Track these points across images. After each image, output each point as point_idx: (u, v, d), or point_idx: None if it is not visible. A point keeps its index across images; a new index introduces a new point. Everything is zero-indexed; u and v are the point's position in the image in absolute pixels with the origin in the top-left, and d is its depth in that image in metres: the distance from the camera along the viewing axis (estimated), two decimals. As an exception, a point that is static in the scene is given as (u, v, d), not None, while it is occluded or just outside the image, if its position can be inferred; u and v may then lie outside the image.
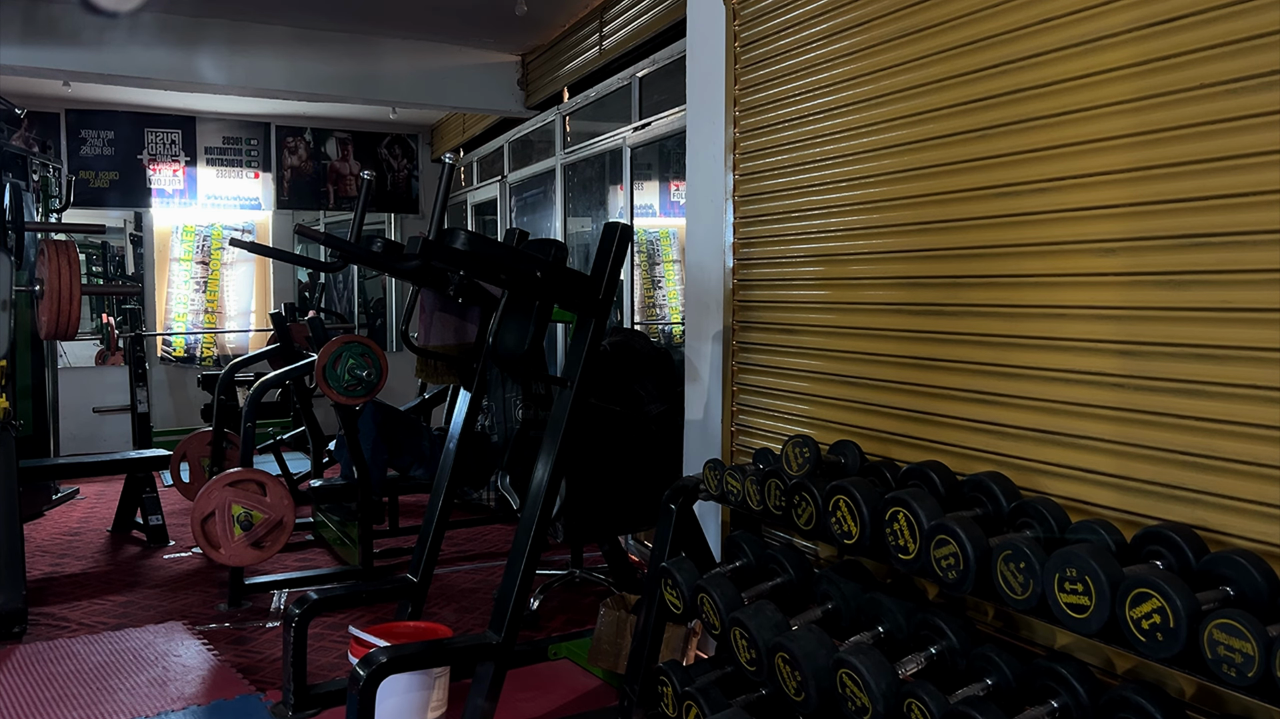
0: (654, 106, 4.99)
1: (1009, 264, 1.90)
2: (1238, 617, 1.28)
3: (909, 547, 1.74)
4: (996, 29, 1.91)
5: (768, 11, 2.62)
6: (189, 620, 3.93)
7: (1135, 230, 1.66)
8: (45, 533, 5.44)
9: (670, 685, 2.30)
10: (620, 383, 3.86)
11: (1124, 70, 1.67)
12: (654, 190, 5.54)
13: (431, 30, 5.99)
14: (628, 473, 3.78)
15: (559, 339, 6.17)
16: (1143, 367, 1.65)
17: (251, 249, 5.03)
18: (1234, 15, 1.51)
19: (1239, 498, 1.51)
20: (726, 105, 2.78)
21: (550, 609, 4.02)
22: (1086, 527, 1.65)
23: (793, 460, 2.13)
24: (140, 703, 3.12)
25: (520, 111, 6.57)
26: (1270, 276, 1.46)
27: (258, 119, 8.20)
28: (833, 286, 2.41)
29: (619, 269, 2.92)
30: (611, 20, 5.21)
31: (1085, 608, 1.44)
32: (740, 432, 2.79)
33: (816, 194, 2.45)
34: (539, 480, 2.82)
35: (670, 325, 5.53)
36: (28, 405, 5.72)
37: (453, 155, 2.93)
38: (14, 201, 4.45)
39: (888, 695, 1.69)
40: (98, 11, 4.93)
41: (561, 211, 6.26)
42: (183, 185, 8.03)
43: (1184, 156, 1.58)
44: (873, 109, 2.25)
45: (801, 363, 2.52)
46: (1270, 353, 1.46)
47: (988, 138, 1.94)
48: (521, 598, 2.73)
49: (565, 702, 3.14)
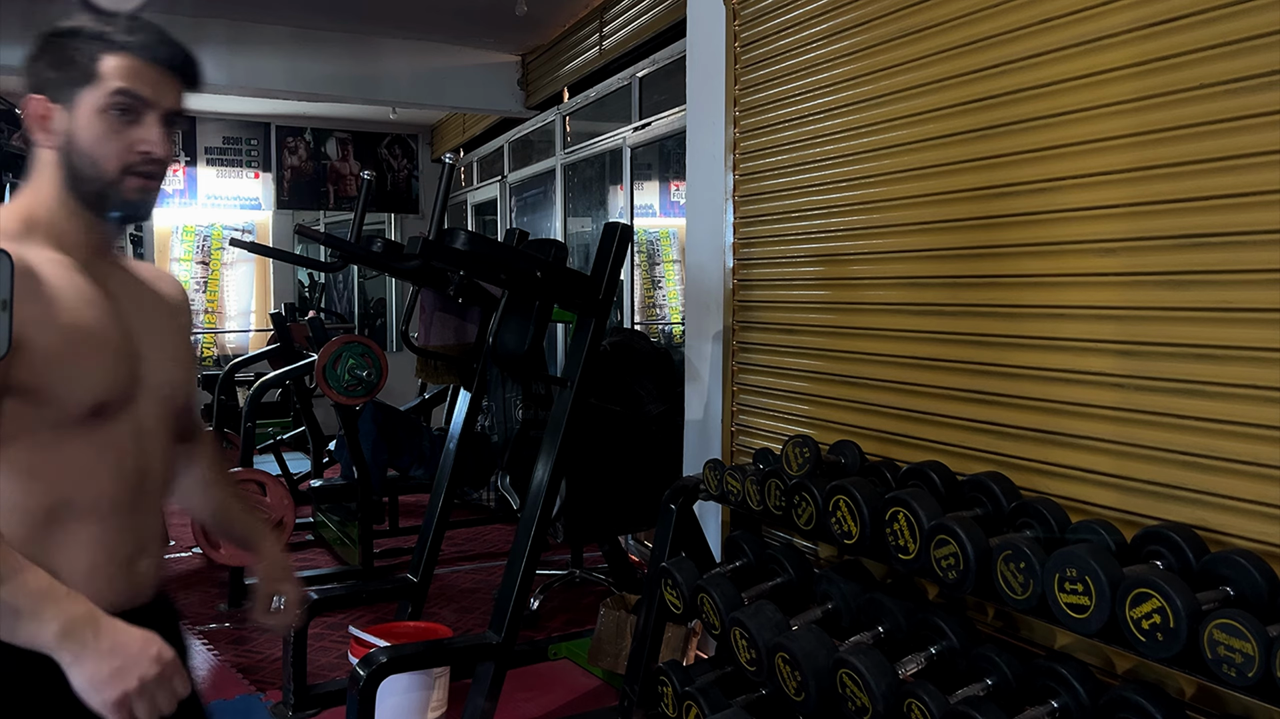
0: (654, 106, 4.99)
1: (1009, 264, 1.90)
2: (1238, 617, 1.28)
3: (909, 547, 1.74)
4: (996, 29, 1.91)
5: (768, 11, 2.61)
6: (189, 620, 3.93)
7: (1135, 230, 1.66)
8: (45, 533, 5.43)
9: (670, 685, 2.30)
10: (620, 383, 3.86)
11: (1124, 70, 1.67)
12: (654, 190, 5.54)
13: (431, 30, 5.99)
14: (628, 473, 3.78)
15: (559, 339, 6.17)
16: (1143, 367, 1.65)
17: (251, 249, 5.04)
18: (1234, 15, 1.51)
19: (1239, 498, 1.51)
20: (726, 105, 2.78)
21: (550, 609, 4.02)
22: (1086, 527, 1.65)
23: (793, 460, 2.13)
24: (140, 703, 3.12)
25: (520, 111, 6.57)
26: (1270, 277, 1.46)
27: (258, 119, 8.20)
28: (833, 287, 2.41)
29: (619, 269, 2.92)
30: (611, 20, 5.21)
31: (1085, 608, 1.44)
32: (740, 432, 2.79)
33: (817, 194, 2.45)
34: (539, 480, 2.82)
35: (670, 325, 5.54)
36: (28, 405, 5.71)
37: (453, 155, 2.93)
38: (14, 201, 4.45)
39: (888, 695, 1.69)
40: (98, 12, 4.92)
41: (561, 211, 6.26)
42: (183, 185, 8.03)
43: (1184, 157, 1.58)
44: (873, 109, 2.25)
45: (801, 363, 2.52)
46: (1270, 353, 1.46)
47: (988, 138, 1.94)
48: (521, 598, 2.73)
49: (565, 702, 3.15)
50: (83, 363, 1.14)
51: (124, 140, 1.18)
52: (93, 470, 1.17)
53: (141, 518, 1.24)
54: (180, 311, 1.38)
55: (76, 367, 1.13)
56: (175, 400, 1.30)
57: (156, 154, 1.19)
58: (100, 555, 1.18)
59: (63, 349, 1.11)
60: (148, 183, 1.20)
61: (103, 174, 1.18)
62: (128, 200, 1.20)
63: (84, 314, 1.15)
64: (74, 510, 1.16)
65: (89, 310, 1.16)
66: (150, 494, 1.26)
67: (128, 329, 1.22)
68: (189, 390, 1.37)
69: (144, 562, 1.25)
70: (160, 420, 1.26)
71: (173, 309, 1.36)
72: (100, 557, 1.18)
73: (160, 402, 1.26)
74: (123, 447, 1.20)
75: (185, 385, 1.33)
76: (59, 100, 1.19)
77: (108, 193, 1.19)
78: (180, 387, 1.31)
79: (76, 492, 1.16)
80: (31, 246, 1.15)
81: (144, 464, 1.23)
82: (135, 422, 1.21)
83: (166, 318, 1.33)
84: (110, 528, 1.19)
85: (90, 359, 1.15)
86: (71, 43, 1.19)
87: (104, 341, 1.17)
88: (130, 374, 1.20)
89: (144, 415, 1.23)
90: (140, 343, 1.23)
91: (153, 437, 1.25)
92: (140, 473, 1.23)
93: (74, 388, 1.13)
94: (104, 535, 1.18)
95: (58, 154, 1.19)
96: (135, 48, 1.18)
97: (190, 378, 1.37)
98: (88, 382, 1.14)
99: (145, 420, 1.23)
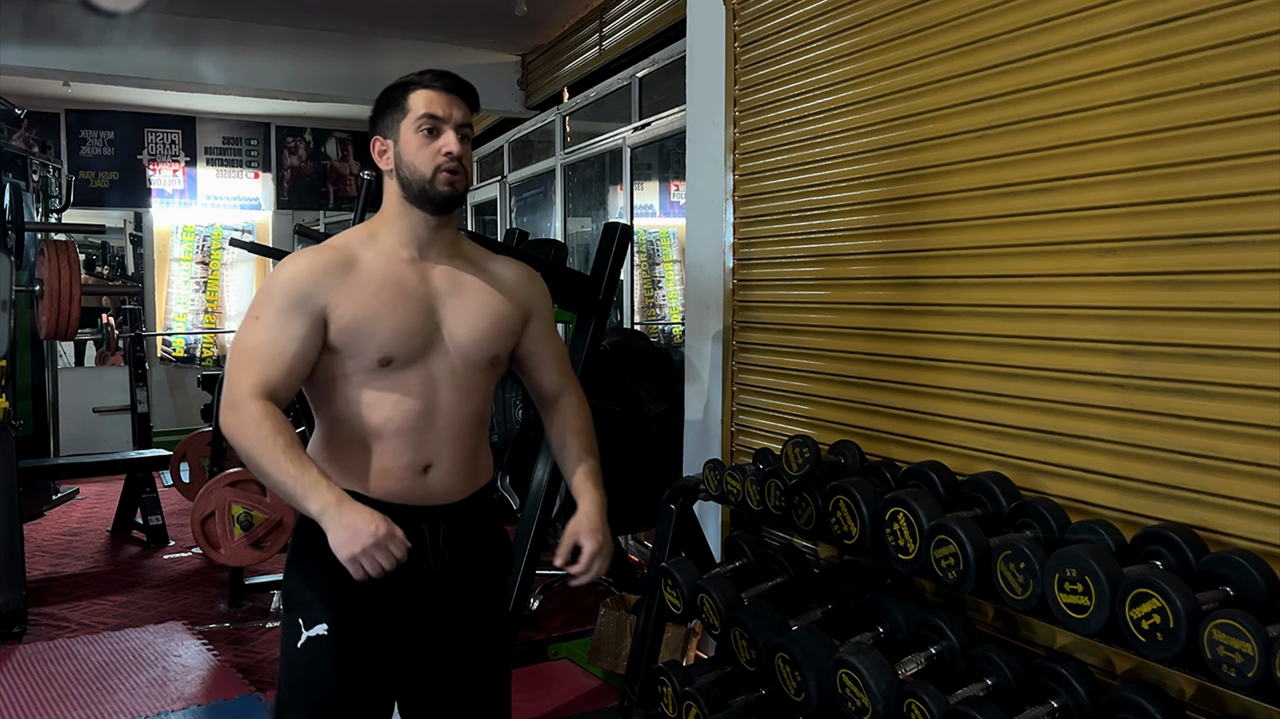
0: (654, 106, 4.98)
1: (1009, 264, 1.90)
2: (1238, 617, 1.28)
3: (909, 547, 1.74)
4: (996, 29, 1.91)
5: (768, 11, 2.62)
6: (189, 620, 3.93)
7: (1135, 230, 1.66)
8: (45, 533, 5.44)
9: (670, 686, 2.30)
10: (620, 383, 3.86)
11: (1124, 70, 1.67)
12: (654, 190, 5.54)
13: (431, 30, 5.98)
14: (627, 473, 3.78)
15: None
16: (1143, 367, 1.65)
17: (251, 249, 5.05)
18: (1234, 15, 1.51)
19: (1239, 498, 1.51)
20: (726, 105, 2.78)
21: (550, 609, 4.02)
22: (1086, 527, 1.65)
23: (793, 461, 2.13)
24: (140, 703, 3.12)
25: (520, 111, 6.56)
26: (1270, 277, 1.46)
27: (258, 119, 8.20)
28: (833, 287, 2.41)
29: (619, 269, 2.93)
30: (611, 20, 5.21)
31: (1085, 608, 1.44)
32: (740, 432, 2.79)
33: (817, 194, 2.45)
34: (539, 480, 2.82)
35: (670, 325, 5.53)
36: (28, 405, 5.72)
37: (453, 155, 2.92)
38: (14, 201, 4.45)
39: (888, 695, 1.69)
40: (98, 12, 4.93)
41: (561, 211, 6.25)
42: (183, 185, 8.03)
43: (1184, 157, 1.58)
44: (873, 109, 2.25)
45: (801, 363, 2.52)
46: (1270, 353, 1.46)
47: (988, 138, 1.94)
48: (521, 598, 2.73)
49: (565, 702, 3.14)
50: (371, 329, 1.56)
51: (431, 149, 1.61)
52: (382, 405, 1.58)
53: (428, 438, 1.61)
54: (512, 291, 1.73)
55: (366, 331, 1.56)
56: (470, 358, 1.64)
57: (454, 153, 1.60)
58: (388, 462, 1.59)
59: (356, 320, 1.55)
60: (452, 177, 1.61)
61: (422, 177, 1.61)
62: (441, 192, 1.60)
63: (381, 297, 1.57)
64: (369, 431, 1.59)
65: (389, 291, 1.58)
66: (439, 425, 1.62)
67: (430, 305, 1.62)
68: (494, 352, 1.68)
69: (434, 474, 1.63)
70: (453, 372, 1.63)
71: (504, 289, 1.72)
72: (388, 463, 1.59)
73: (454, 358, 1.63)
74: (410, 389, 1.59)
75: (484, 347, 1.66)
76: (388, 136, 1.67)
77: (427, 189, 1.60)
78: (480, 352, 1.65)
79: (370, 418, 1.58)
80: (369, 249, 1.63)
81: (430, 402, 1.61)
82: (426, 371, 1.60)
83: (484, 294, 1.68)
84: (395, 445, 1.59)
85: (377, 327, 1.56)
86: (390, 93, 1.68)
87: (391, 314, 1.57)
88: (421, 338, 1.59)
89: (435, 367, 1.61)
90: (441, 314, 1.63)
91: (444, 382, 1.62)
92: (427, 409, 1.60)
93: (366, 346, 1.56)
94: (391, 449, 1.59)
95: (393, 175, 1.66)
96: (428, 83, 1.64)
97: (494, 344, 1.68)
98: (376, 341, 1.56)
99: (436, 370, 1.61)
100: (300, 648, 1.60)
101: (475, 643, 1.73)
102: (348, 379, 1.59)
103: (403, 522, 1.53)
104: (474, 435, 1.69)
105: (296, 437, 1.53)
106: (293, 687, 1.64)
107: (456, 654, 1.70)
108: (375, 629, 1.61)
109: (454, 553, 1.67)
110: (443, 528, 1.65)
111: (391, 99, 1.68)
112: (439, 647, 1.68)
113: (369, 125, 1.73)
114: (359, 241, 1.65)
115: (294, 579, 1.66)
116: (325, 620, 1.59)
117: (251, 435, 1.49)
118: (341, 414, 1.61)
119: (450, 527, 1.66)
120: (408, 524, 1.55)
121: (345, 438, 1.61)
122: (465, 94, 1.67)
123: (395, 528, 1.48)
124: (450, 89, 1.65)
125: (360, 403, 1.59)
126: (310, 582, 1.62)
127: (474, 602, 1.72)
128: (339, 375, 1.59)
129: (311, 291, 1.55)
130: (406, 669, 1.67)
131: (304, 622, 1.61)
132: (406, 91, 1.66)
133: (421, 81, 1.66)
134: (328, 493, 1.47)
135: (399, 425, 1.60)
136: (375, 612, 1.60)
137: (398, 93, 1.68)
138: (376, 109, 1.71)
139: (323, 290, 1.55)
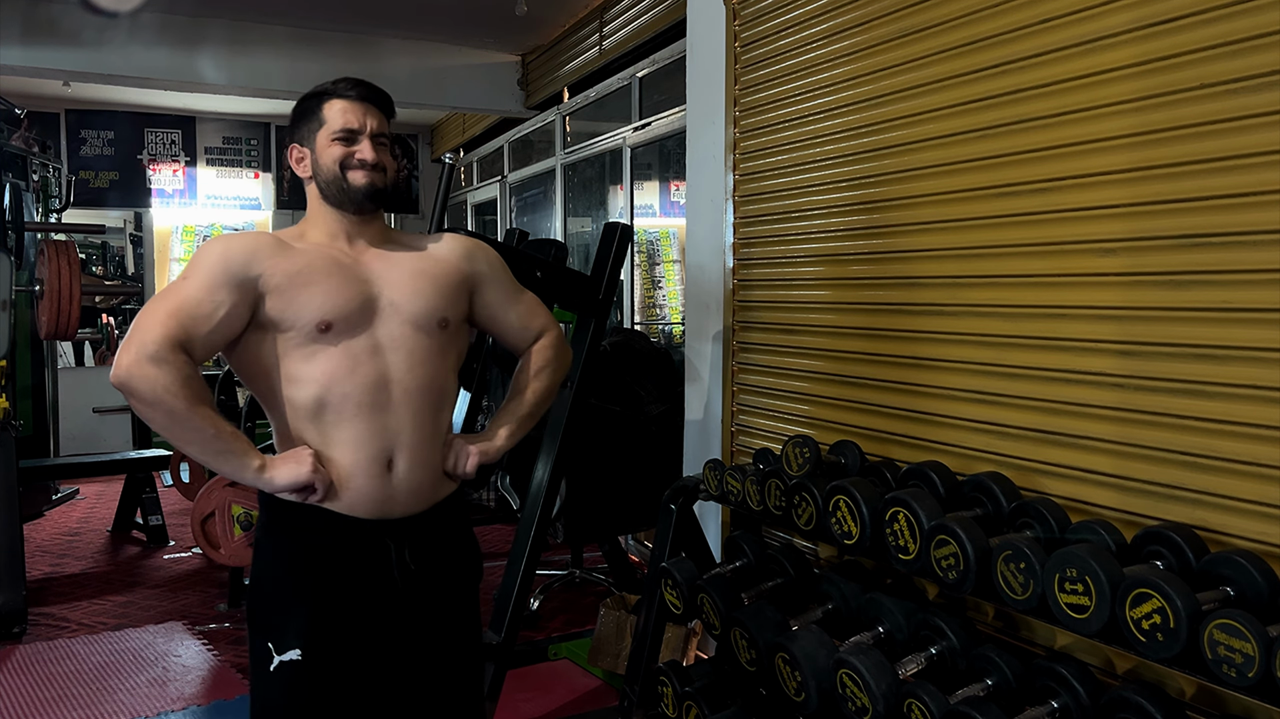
0: (654, 106, 4.99)
1: (1009, 264, 1.90)
2: (1238, 617, 1.28)
3: (909, 547, 1.74)
4: (996, 29, 1.91)
5: (768, 11, 2.61)
6: (189, 620, 3.93)
7: (1135, 230, 1.66)
8: (45, 533, 5.44)
9: (670, 686, 2.30)
10: (620, 383, 3.86)
11: (1124, 70, 1.67)
12: (654, 190, 5.54)
13: (431, 30, 5.98)
14: (628, 473, 3.78)
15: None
16: (1143, 367, 1.65)
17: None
18: (1234, 15, 1.51)
19: (1239, 498, 1.51)
20: (726, 105, 2.78)
21: (550, 609, 4.02)
22: (1086, 527, 1.65)
23: (793, 461, 2.13)
24: (140, 703, 3.12)
25: (520, 111, 6.56)
26: (1270, 277, 1.46)
27: (258, 119, 8.20)
28: (833, 287, 2.41)
29: (619, 269, 2.92)
30: (611, 20, 5.21)
31: (1085, 608, 1.44)
32: (740, 432, 2.79)
33: (817, 194, 2.45)
34: (539, 480, 2.82)
35: (670, 325, 5.53)
36: (28, 405, 5.72)
37: (453, 155, 2.93)
38: (14, 201, 4.45)
39: (888, 696, 1.69)
40: (98, 11, 4.93)
41: (561, 211, 6.26)
42: (183, 185, 8.03)
43: (1184, 157, 1.58)
44: (873, 109, 2.24)
45: (801, 363, 2.52)
46: (1270, 353, 1.46)
47: (988, 138, 1.94)
48: (521, 598, 2.73)
49: (565, 702, 3.14)
50: (306, 295, 1.57)
51: (346, 155, 1.65)
52: (333, 379, 1.58)
53: (387, 420, 1.61)
54: (447, 258, 1.75)
55: (301, 298, 1.57)
56: (416, 321, 1.65)
57: (369, 160, 1.64)
58: (351, 455, 1.59)
59: (292, 287, 1.57)
60: (371, 174, 1.64)
61: (339, 179, 1.65)
62: (359, 189, 1.64)
63: (314, 266, 1.60)
64: (327, 414, 1.59)
65: (322, 263, 1.61)
66: (396, 400, 1.62)
67: (364, 277, 1.63)
68: (440, 314, 1.69)
69: (399, 468, 1.62)
70: (401, 338, 1.63)
71: (440, 256, 1.74)
72: (351, 456, 1.59)
73: (398, 324, 1.63)
74: (359, 358, 1.60)
75: (428, 308, 1.66)
76: (305, 144, 1.69)
77: (345, 189, 1.65)
78: (423, 315, 1.66)
79: (325, 396, 1.58)
80: (300, 242, 1.66)
81: (382, 373, 1.61)
82: (372, 339, 1.61)
83: (419, 262, 1.71)
84: (353, 431, 1.59)
85: (312, 292, 1.57)
86: (306, 102, 1.69)
87: (326, 282, 1.59)
88: (358, 303, 1.60)
89: (380, 334, 1.62)
90: (378, 286, 1.64)
91: (392, 351, 1.62)
92: (380, 381, 1.60)
93: (302, 310, 1.57)
94: (350, 437, 1.59)
95: (312, 181, 1.69)
96: (343, 92, 1.67)
97: (437, 306, 1.68)
98: (313, 305, 1.57)
99: (381, 337, 1.62)
100: (273, 672, 1.59)
101: (445, 657, 1.72)
102: (290, 356, 1.58)
103: (368, 540, 1.58)
104: (434, 419, 1.67)
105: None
106: (267, 711, 1.64)
107: (426, 668, 1.70)
108: (346, 648, 1.61)
109: (421, 566, 1.66)
110: (408, 544, 1.65)
111: (307, 109, 1.69)
112: (409, 662, 1.68)
113: (287, 133, 1.75)
114: (290, 236, 1.68)
115: (260, 600, 1.65)
116: (297, 646, 1.58)
117: (179, 391, 1.47)
118: (294, 399, 1.59)
119: (416, 541, 1.66)
120: (373, 541, 1.59)
121: (301, 431, 1.60)
122: (379, 102, 1.69)
123: (320, 466, 1.56)
124: (364, 97, 1.67)
125: (310, 379, 1.58)
126: (279, 603, 1.61)
127: (443, 615, 1.71)
128: (282, 354, 1.59)
129: (246, 261, 1.56)
130: (379, 686, 1.66)
131: (274, 646, 1.60)
132: (321, 101, 1.67)
133: (336, 90, 1.67)
134: (260, 455, 1.56)
135: (357, 401, 1.58)
136: (345, 630, 1.60)
137: (313, 102, 1.69)
138: (294, 117, 1.72)
139: (257, 261, 1.57)
